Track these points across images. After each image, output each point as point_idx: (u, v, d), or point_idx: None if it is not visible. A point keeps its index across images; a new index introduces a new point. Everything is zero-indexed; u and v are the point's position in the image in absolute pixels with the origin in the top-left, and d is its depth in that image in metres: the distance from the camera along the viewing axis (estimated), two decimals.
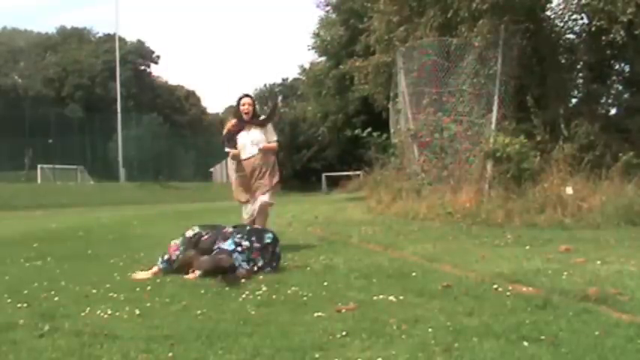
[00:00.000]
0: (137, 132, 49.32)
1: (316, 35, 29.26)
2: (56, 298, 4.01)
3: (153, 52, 67.02)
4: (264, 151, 6.56)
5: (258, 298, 3.91)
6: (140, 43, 65.66)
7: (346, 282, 4.41)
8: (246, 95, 6.79)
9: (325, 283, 4.32)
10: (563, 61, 11.77)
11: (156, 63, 67.70)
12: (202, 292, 4.18)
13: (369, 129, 13.66)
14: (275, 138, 6.76)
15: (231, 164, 6.70)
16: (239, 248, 4.78)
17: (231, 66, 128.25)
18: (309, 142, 40.81)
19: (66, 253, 6.61)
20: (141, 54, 64.62)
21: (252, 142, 6.55)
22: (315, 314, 3.37)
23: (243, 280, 4.46)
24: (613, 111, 12.24)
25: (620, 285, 3.95)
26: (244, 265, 4.72)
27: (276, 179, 6.65)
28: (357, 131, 13.80)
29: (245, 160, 6.54)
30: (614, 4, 9.22)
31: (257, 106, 6.83)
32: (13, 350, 2.82)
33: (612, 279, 4.19)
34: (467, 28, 10.87)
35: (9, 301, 3.94)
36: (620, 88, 12.44)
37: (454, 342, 2.76)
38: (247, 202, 6.62)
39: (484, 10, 10.28)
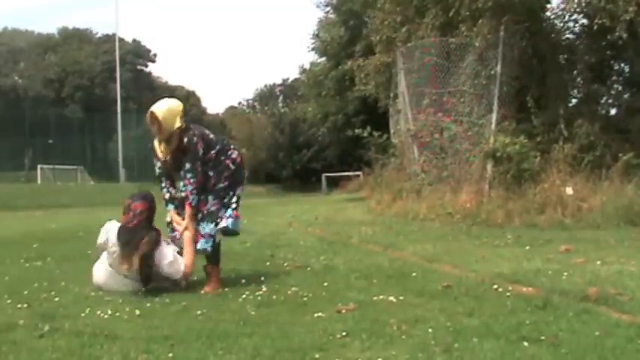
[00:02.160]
0: (137, 132, 49.29)
1: (316, 36, 29.30)
2: (56, 299, 4.01)
3: (150, 51, 67.03)
4: None
5: (258, 298, 3.91)
6: (136, 42, 65.63)
7: (346, 282, 4.41)
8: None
9: (325, 284, 4.32)
10: (563, 61, 11.76)
11: (153, 62, 67.70)
12: (202, 292, 4.18)
13: (369, 129, 13.66)
14: None
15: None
16: None
17: (231, 66, 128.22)
18: (309, 143, 40.80)
19: (66, 253, 6.61)
20: (138, 53, 64.59)
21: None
22: (315, 315, 3.38)
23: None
24: (613, 111, 12.24)
25: (620, 285, 3.95)
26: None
27: None
28: (357, 131, 13.80)
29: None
30: (615, 4, 9.22)
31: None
32: (13, 350, 2.82)
33: (612, 279, 4.19)
34: (467, 29, 10.87)
35: (9, 301, 3.94)
36: (620, 88, 12.44)
37: (454, 342, 2.76)
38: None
39: (485, 10, 10.28)
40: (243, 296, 3.95)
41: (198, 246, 4.42)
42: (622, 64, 12.25)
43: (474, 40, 10.72)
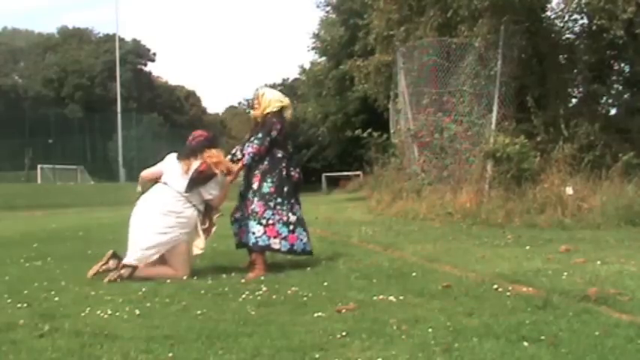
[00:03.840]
0: (137, 132, 49.36)
1: (316, 36, 29.32)
2: (56, 299, 4.01)
3: (149, 50, 67.04)
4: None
5: (258, 298, 3.91)
6: (136, 42, 65.64)
7: (346, 282, 4.41)
8: None
9: (325, 283, 4.32)
10: (563, 61, 11.76)
11: (153, 61, 67.71)
12: (202, 292, 4.18)
13: (369, 129, 13.66)
14: None
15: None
16: None
17: (231, 66, 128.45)
18: (309, 142, 40.82)
19: (66, 253, 6.61)
20: (138, 53, 64.59)
21: None
22: (315, 314, 3.37)
23: None
24: (613, 111, 12.25)
25: (620, 285, 3.95)
26: None
27: None
28: (357, 131, 13.79)
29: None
30: (614, 3, 9.22)
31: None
32: (13, 350, 2.82)
33: (612, 279, 4.19)
34: (467, 29, 10.87)
35: (9, 301, 3.94)
36: (620, 88, 12.44)
37: (454, 342, 2.76)
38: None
39: (484, 9, 10.28)
40: (243, 296, 3.94)
41: (244, 240, 5.11)
42: (622, 64, 12.26)
43: (474, 40, 10.72)
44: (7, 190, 28.71)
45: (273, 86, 69.52)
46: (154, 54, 67.69)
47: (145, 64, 67.02)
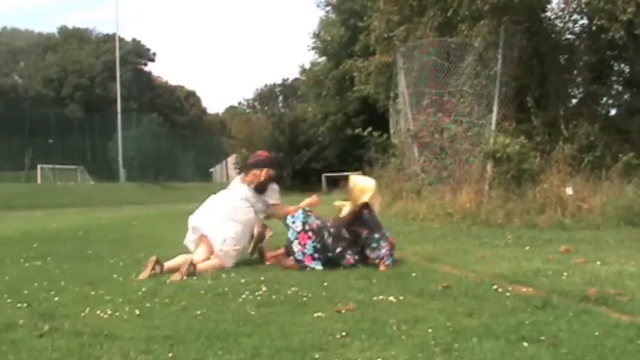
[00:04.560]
0: (137, 132, 49.34)
1: (316, 35, 29.37)
2: (56, 299, 4.00)
3: (149, 50, 67.10)
4: None
5: (258, 298, 3.90)
6: (136, 42, 65.67)
7: (346, 282, 4.41)
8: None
9: (325, 284, 4.32)
10: (563, 61, 11.77)
11: (153, 61, 67.76)
12: (202, 292, 4.17)
13: (370, 129, 13.67)
14: None
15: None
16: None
17: (231, 66, 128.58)
18: (309, 143, 40.86)
19: (66, 253, 6.61)
20: (138, 53, 64.64)
21: None
22: (315, 314, 3.37)
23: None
24: (613, 111, 12.26)
25: (620, 286, 3.95)
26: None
27: None
28: (357, 130, 13.80)
29: None
30: (614, 4, 9.22)
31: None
32: (12, 350, 2.82)
33: (612, 279, 4.19)
34: (467, 29, 10.88)
35: (9, 301, 3.94)
36: (620, 88, 12.45)
37: (454, 342, 2.76)
38: None
39: (484, 11, 10.29)
40: (243, 296, 3.94)
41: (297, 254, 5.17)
42: (622, 64, 12.26)
43: (474, 41, 10.73)
44: (7, 190, 28.72)
45: (273, 86, 69.55)
46: (154, 54, 67.87)
47: (145, 64, 67.12)
